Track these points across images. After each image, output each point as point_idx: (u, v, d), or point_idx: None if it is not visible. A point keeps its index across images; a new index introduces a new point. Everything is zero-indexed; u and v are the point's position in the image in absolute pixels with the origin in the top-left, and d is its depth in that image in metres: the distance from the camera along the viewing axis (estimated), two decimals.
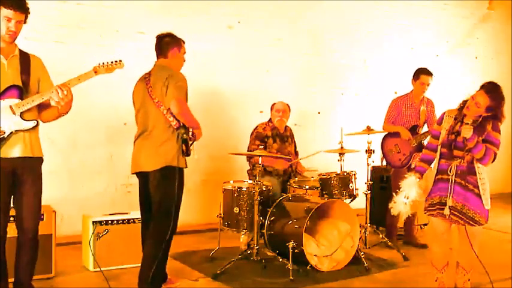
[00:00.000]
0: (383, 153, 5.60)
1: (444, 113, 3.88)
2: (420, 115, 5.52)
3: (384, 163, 5.73)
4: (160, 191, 3.88)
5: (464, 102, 3.81)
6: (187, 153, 3.91)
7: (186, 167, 4.01)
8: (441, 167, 3.80)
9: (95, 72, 3.51)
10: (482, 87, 3.75)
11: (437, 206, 3.76)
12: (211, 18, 6.32)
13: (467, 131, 3.67)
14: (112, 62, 3.58)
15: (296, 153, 5.69)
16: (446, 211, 3.71)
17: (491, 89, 3.72)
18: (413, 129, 5.47)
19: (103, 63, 3.54)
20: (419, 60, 7.64)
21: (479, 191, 3.73)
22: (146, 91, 3.95)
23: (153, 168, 3.88)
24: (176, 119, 3.84)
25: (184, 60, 4.16)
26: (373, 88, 7.32)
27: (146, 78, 4.02)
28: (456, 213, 3.71)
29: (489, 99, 3.68)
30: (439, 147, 3.81)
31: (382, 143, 5.60)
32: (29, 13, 3.42)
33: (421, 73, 5.54)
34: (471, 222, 3.73)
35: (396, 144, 5.49)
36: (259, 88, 6.62)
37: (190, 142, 3.94)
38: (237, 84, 6.54)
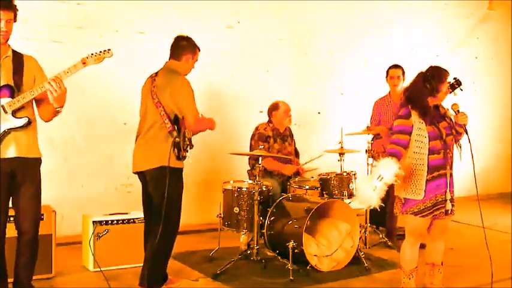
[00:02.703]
0: (372, 156, 5.62)
1: (408, 107, 3.67)
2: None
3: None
4: (157, 191, 3.88)
5: (419, 107, 3.64)
6: (178, 156, 3.85)
7: (182, 167, 4.00)
8: (436, 163, 3.61)
9: (84, 63, 3.44)
10: (442, 81, 3.69)
11: (436, 207, 3.63)
12: (211, 18, 6.32)
13: (465, 118, 3.64)
14: (100, 52, 3.50)
15: (296, 152, 5.68)
16: (448, 206, 3.62)
17: (447, 73, 3.75)
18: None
19: (92, 54, 3.47)
20: (419, 60, 7.64)
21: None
22: (149, 90, 3.98)
23: (148, 167, 3.91)
24: (170, 122, 3.84)
25: (193, 67, 4.16)
26: (373, 88, 7.30)
27: (153, 78, 4.04)
28: (452, 203, 3.67)
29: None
30: (426, 143, 3.58)
31: (371, 146, 5.65)
32: (18, 10, 3.40)
33: (389, 68, 5.69)
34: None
35: (382, 144, 5.54)
36: (259, 88, 6.61)
37: (184, 147, 3.89)
38: (237, 84, 6.54)
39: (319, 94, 7.20)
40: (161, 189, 3.82)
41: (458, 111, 3.68)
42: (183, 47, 4.05)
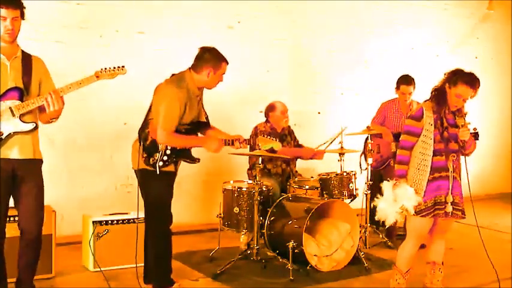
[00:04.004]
0: (364, 151, 5.63)
1: (421, 108, 3.71)
2: None
3: (363, 161, 5.71)
4: (141, 191, 3.99)
5: (439, 93, 3.71)
6: (145, 161, 3.84)
7: (175, 171, 3.99)
8: (437, 165, 3.65)
9: (97, 77, 3.50)
10: (466, 81, 3.64)
11: (436, 207, 3.66)
12: (211, 18, 6.32)
13: (466, 134, 3.66)
14: (114, 68, 3.56)
15: (300, 147, 5.66)
16: (449, 208, 3.65)
17: (477, 83, 3.67)
18: (397, 137, 5.49)
19: (105, 68, 3.53)
20: (419, 60, 7.65)
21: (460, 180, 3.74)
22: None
23: (134, 167, 3.99)
24: (144, 123, 3.90)
25: (221, 80, 4.01)
26: (373, 88, 7.31)
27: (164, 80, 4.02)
28: (456, 207, 3.69)
29: (474, 93, 3.69)
30: (431, 145, 3.63)
31: (365, 141, 5.64)
32: (25, 8, 3.36)
33: (401, 83, 5.60)
34: (462, 215, 3.74)
35: (378, 144, 5.54)
36: (259, 88, 6.61)
37: (151, 153, 3.85)
38: (237, 84, 6.52)
39: (319, 94, 7.20)
40: (142, 190, 3.97)
41: (462, 125, 3.69)
42: (205, 60, 3.87)
